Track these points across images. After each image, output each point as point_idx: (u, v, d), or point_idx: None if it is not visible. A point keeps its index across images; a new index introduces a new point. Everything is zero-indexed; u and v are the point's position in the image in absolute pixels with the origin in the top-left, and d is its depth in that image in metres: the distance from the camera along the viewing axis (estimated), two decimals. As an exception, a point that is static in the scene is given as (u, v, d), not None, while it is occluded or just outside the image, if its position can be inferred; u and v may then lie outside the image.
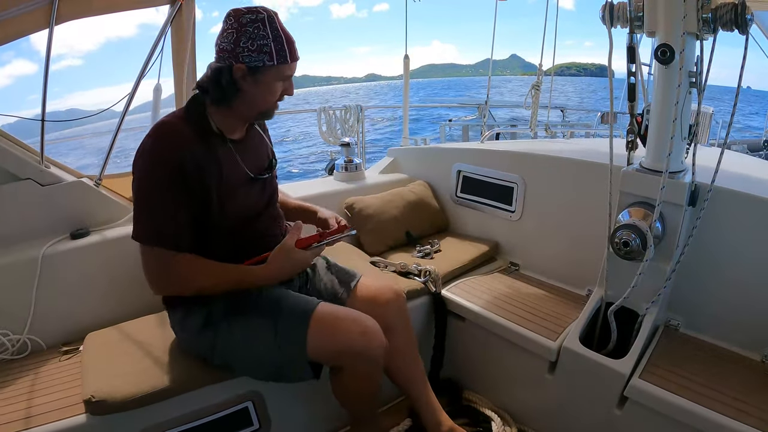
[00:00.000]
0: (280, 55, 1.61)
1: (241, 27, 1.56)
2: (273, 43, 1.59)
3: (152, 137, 1.60)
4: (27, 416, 1.64)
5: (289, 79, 1.71)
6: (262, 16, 1.57)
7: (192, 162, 1.58)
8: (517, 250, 2.84)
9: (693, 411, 1.63)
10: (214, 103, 1.67)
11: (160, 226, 1.59)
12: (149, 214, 1.60)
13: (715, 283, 2.02)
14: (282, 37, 1.61)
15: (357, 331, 1.67)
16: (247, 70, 1.59)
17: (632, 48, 1.90)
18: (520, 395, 2.28)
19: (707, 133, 6.03)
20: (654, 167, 1.93)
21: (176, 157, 1.56)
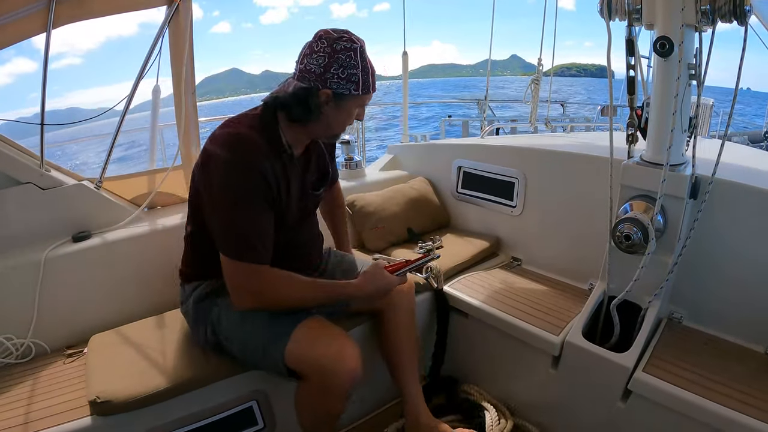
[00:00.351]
0: (366, 85, 1.64)
1: (334, 53, 1.57)
2: (361, 73, 1.62)
3: (229, 149, 1.60)
4: (33, 419, 1.65)
5: (364, 107, 1.77)
6: (356, 46, 1.60)
7: (271, 174, 1.63)
8: (519, 245, 2.84)
9: (697, 404, 1.63)
10: (290, 119, 1.69)
11: (249, 239, 1.62)
12: (237, 227, 1.61)
13: (717, 275, 2.02)
14: (369, 68, 1.64)
15: (333, 351, 1.63)
16: (333, 96, 1.62)
17: (631, 41, 1.89)
18: (523, 390, 2.28)
19: (707, 125, 6.01)
20: (655, 160, 1.92)
21: (260, 168, 1.59)
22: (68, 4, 2.15)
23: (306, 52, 1.62)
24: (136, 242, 2.31)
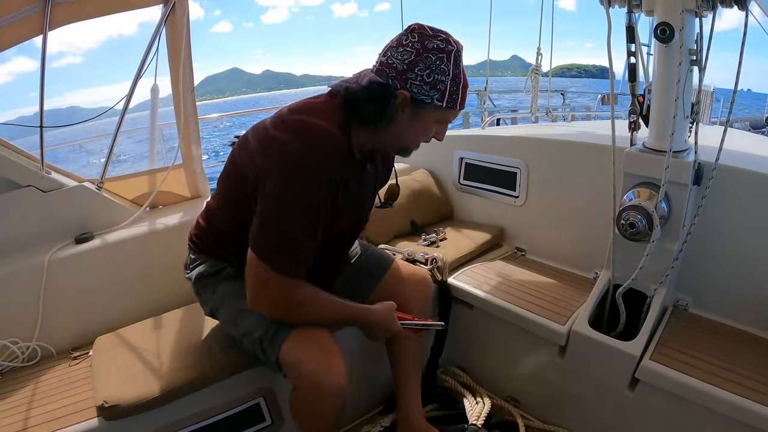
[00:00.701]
0: (452, 98, 1.44)
1: (424, 51, 1.38)
2: (450, 82, 1.41)
3: (307, 144, 1.41)
4: (40, 422, 1.65)
5: (446, 125, 1.56)
6: (451, 48, 1.40)
7: (340, 183, 1.47)
8: (523, 236, 2.84)
9: (705, 390, 1.63)
10: (360, 120, 1.49)
11: (295, 252, 1.46)
12: (286, 235, 1.44)
13: (722, 261, 2.01)
14: (461, 79, 1.44)
15: (322, 366, 1.52)
16: (411, 100, 1.42)
17: (631, 27, 1.88)
18: (530, 380, 2.28)
19: (709, 112, 5.99)
20: (657, 147, 1.91)
21: (335, 177, 1.44)
22: (64, 6, 2.14)
23: (392, 44, 1.43)
24: (139, 242, 2.31)
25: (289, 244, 1.44)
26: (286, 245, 1.44)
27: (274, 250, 1.44)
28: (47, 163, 2.19)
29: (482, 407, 2.16)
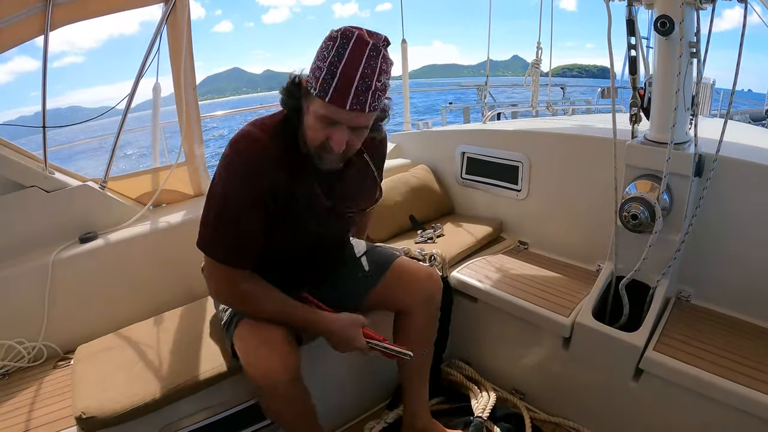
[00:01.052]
0: (322, 87, 1.32)
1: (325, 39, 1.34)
2: (326, 69, 1.31)
3: (236, 148, 1.48)
4: (46, 422, 1.66)
5: (334, 127, 1.39)
6: (343, 37, 1.30)
7: (273, 188, 1.49)
8: (526, 229, 2.84)
9: (709, 381, 1.64)
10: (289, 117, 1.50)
11: (231, 243, 1.51)
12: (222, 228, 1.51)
13: (724, 252, 2.02)
14: (338, 69, 1.29)
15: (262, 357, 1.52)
16: (306, 88, 1.39)
17: (631, 21, 1.88)
18: (534, 373, 2.29)
19: (709, 104, 5.98)
20: (659, 139, 1.92)
21: (257, 183, 1.47)
22: (64, 6, 2.15)
23: None
24: (143, 241, 2.32)
25: (224, 237, 1.50)
26: (221, 238, 1.51)
27: (211, 243, 1.53)
28: (50, 163, 2.20)
29: (487, 400, 2.18)
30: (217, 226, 1.51)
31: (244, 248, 1.53)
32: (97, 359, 1.90)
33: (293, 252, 1.70)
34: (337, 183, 1.63)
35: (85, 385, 1.74)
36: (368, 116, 1.39)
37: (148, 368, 1.81)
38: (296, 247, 1.69)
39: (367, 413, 2.32)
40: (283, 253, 1.67)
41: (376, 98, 1.34)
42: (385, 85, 1.36)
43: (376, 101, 1.35)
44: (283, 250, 1.66)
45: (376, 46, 1.31)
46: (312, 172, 1.54)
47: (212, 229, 1.52)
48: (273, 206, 1.52)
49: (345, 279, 1.95)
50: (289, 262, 1.72)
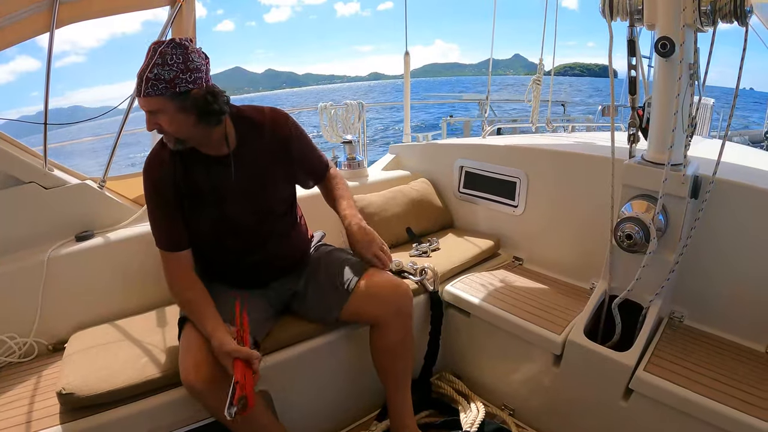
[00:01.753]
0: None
1: None
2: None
3: (144, 164, 1.83)
4: (34, 419, 1.66)
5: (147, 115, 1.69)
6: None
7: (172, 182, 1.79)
8: (521, 245, 2.85)
9: (698, 402, 1.64)
10: None
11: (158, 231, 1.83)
12: (151, 223, 1.85)
13: (718, 274, 2.02)
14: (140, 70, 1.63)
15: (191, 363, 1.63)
16: None
17: (632, 41, 1.90)
18: (525, 389, 2.29)
19: (708, 125, 6.01)
20: (656, 160, 1.93)
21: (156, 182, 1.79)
22: (71, 5, 2.16)
23: None
24: (139, 241, 2.31)
25: (153, 227, 1.84)
26: (153, 229, 1.84)
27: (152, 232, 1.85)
28: (50, 160, 2.20)
29: (476, 414, 2.18)
30: (150, 221, 1.85)
31: (168, 233, 1.82)
32: (89, 345, 1.93)
33: (220, 236, 1.89)
34: (218, 168, 1.84)
35: (73, 366, 1.78)
36: (148, 101, 1.63)
37: (136, 358, 1.83)
38: (220, 230, 1.88)
39: (356, 423, 2.31)
40: (212, 238, 1.89)
41: (149, 86, 1.60)
42: (158, 75, 1.60)
43: (150, 88, 1.60)
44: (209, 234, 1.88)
45: (156, 47, 1.62)
46: (198, 162, 1.82)
47: (150, 226, 1.86)
48: (176, 195, 1.80)
49: (319, 294, 2.02)
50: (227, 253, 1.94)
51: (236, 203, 1.86)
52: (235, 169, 1.84)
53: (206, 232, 1.87)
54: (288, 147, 1.96)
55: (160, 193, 1.80)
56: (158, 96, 1.61)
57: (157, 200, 1.81)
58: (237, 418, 1.48)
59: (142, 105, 1.66)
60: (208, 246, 1.91)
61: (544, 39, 3.84)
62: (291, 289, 2.06)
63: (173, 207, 1.81)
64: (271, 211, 1.96)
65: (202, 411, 1.77)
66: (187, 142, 1.74)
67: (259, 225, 1.93)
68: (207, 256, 1.93)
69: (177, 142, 1.72)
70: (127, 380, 1.71)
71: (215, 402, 1.59)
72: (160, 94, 1.61)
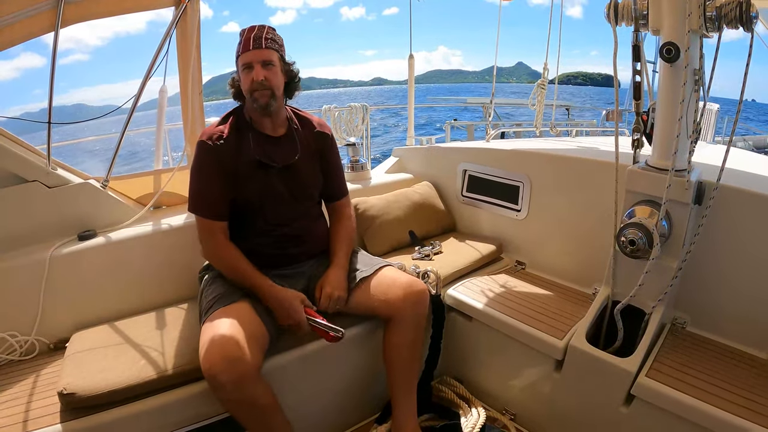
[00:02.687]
0: (237, 51, 1.99)
1: None
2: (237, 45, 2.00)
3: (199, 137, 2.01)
4: (33, 417, 1.65)
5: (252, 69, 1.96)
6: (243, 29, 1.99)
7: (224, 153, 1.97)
8: (523, 249, 2.84)
9: (700, 409, 1.63)
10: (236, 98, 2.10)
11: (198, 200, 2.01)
12: (193, 191, 2.02)
13: (721, 281, 2.01)
14: (242, 37, 1.98)
15: (219, 355, 1.62)
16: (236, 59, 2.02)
17: (637, 46, 1.89)
18: (526, 394, 2.28)
19: (712, 131, 5.99)
20: (660, 165, 1.92)
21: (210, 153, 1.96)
22: (76, 4, 2.17)
23: None
24: (141, 242, 2.32)
25: (195, 195, 2.01)
26: (194, 196, 2.02)
27: (192, 203, 2.02)
28: (53, 159, 2.20)
29: (477, 419, 2.17)
30: (193, 189, 2.01)
31: (210, 202, 1.98)
32: (90, 345, 1.94)
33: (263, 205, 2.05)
34: (270, 146, 2.07)
35: (74, 366, 1.78)
36: (268, 52, 1.97)
37: (137, 359, 1.84)
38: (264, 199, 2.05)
39: (356, 426, 2.31)
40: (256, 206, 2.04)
41: (269, 41, 1.96)
42: (274, 39, 1.99)
43: (269, 43, 1.96)
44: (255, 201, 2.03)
45: (262, 26, 1.98)
46: (254, 140, 2.04)
47: (191, 193, 2.02)
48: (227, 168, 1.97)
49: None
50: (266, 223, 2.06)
51: (281, 178, 2.07)
52: (282, 147, 2.10)
53: (252, 200, 2.02)
54: (327, 148, 2.26)
55: (213, 161, 1.97)
56: (274, 51, 1.99)
57: (207, 165, 1.98)
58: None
59: (259, 56, 1.95)
60: (250, 214, 2.05)
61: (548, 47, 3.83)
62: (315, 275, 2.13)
63: (221, 177, 1.97)
64: (305, 193, 2.16)
65: (204, 411, 1.78)
66: (272, 105, 2.01)
67: (294, 201, 2.11)
68: (246, 224, 2.05)
69: (271, 98, 1.98)
70: (128, 380, 1.71)
71: (237, 396, 1.63)
72: (276, 50, 1.99)
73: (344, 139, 3.91)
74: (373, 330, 2.16)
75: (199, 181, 2.00)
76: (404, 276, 2.11)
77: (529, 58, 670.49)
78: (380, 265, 2.15)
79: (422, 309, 2.08)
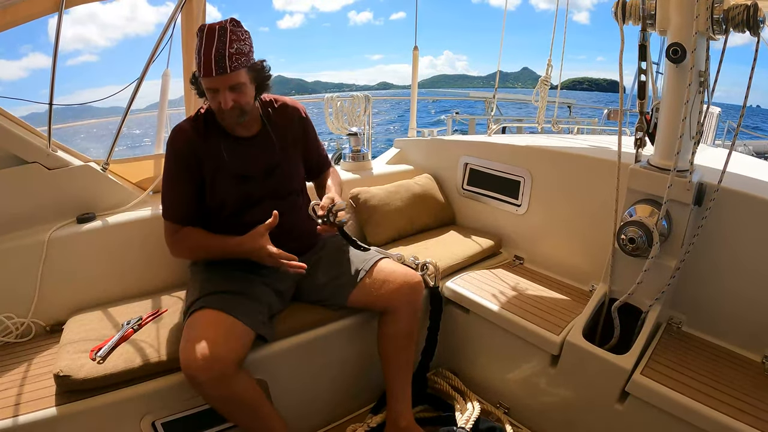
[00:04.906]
0: (198, 70, 1.76)
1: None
2: (195, 56, 1.74)
3: (169, 137, 1.91)
4: (28, 400, 1.66)
5: (218, 93, 1.77)
6: (201, 28, 1.73)
7: (195, 155, 1.88)
8: (522, 244, 2.85)
9: (692, 408, 1.64)
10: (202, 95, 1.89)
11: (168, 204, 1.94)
12: (164, 194, 1.94)
13: (718, 282, 2.02)
14: (200, 52, 1.71)
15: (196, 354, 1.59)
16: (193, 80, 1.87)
17: (644, 46, 1.89)
18: (521, 388, 2.29)
19: (713, 134, 5.99)
20: (662, 165, 1.93)
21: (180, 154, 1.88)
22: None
23: None
24: (140, 225, 2.32)
25: (165, 198, 1.95)
26: (165, 200, 1.96)
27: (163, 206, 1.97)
28: (54, 140, 2.19)
29: (471, 411, 2.19)
30: (163, 193, 1.95)
31: (180, 205, 1.93)
32: (87, 328, 1.94)
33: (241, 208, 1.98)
34: (245, 149, 1.97)
35: (70, 349, 1.79)
36: (235, 75, 1.74)
37: (133, 343, 1.84)
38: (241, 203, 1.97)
39: (351, 415, 2.33)
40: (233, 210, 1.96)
41: (234, 60, 1.72)
42: (240, 50, 1.73)
43: (236, 63, 1.72)
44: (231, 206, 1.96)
45: (223, 27, 1.71)
46: (227, 148, 1.93)
47: (162, 197, 1.96)
48: (196, 171, 1.90)
49: (329, 277, 2.07)
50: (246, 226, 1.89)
51: (261, 183, 1.99)
52: (259, 147, 2.00)
53: (228, 204, 1.95)
54: (304, 130, 2.17)
55: (181, 165, 1.89)
56: (242, 69, 1.76)
57: (175, 172, 1.90)
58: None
59: (223, 82, 1.74)
60: (229, 219, 1.97)
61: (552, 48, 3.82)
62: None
63: (190, 182, 1.91)
64: (286, 189, 2.07)
65: (198, 398, 1.78)
66: (244, 118, 1.87)
67: (275, 200, 2.02)
68: (231, 229, 1.93)
69: (241, 115, 1.85)
70: (124, 364, 1.72)
71: (216, 393, 1.62)
72: (243, 67, 1.76)
73: (346, 128, 3.90)
74: (369, 320, 2.16)
75: (164, 180, 1.95)
76: (399, 268, 2.09)
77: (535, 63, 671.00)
78: (376, 258, 2.11)
79: (417, 300, 2.08)
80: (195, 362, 1.58)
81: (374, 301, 2.04)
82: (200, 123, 1.93)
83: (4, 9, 2.00)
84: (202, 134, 1.91)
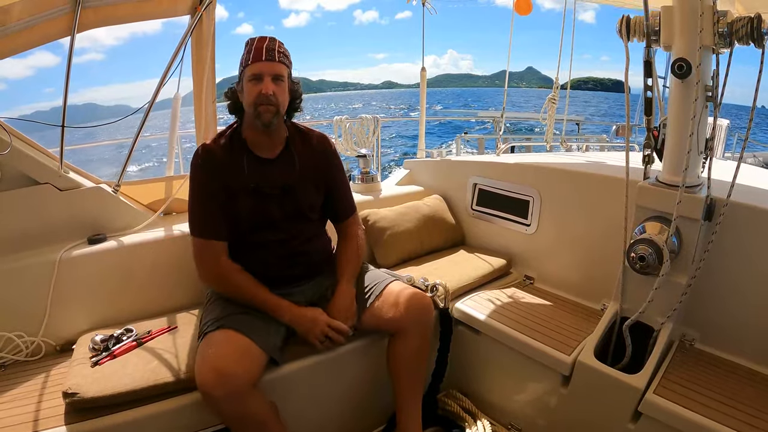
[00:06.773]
0: (246, 60, 1.90)
1: None
2: (244, 53, 1.91)
3: (194, 157, 1.98)
4: (40, 418, 1.65)
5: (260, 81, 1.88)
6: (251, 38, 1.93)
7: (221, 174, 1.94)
8: (532, 264, 2.83)
9: (707, 427, 1.61)
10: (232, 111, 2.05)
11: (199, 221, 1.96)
12: (193, 212, 1.97)
13: (730, 298, 2.00)
14: (252, 45, 1.89)
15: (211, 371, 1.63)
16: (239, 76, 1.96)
17: (648, 62, 1.89)
18: (532, 409, 2.26)
19: (723, 147, 5.95)
20: (670, 181, 1.92)
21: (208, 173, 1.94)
22: (94, 9, 2.20)
23: None
24: (151, 247, 2.33)
25: (194, 216, 1.97)
26: (194, 218, 1.97)
27: (191, 225, 1.98)
28: (66, 162, 2.22)
29: (483, 432, 2.16)
30: (191, 210, 1.97)
31: (211, 222, 1.94)
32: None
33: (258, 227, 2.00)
34: (265, 168, 2.00)
35: (80, 367, 1.79)
36: (280, 66, 1.91)
37: (143, 363, 1.84)
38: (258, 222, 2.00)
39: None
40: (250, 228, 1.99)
41: (281, 55, 1.91)
42: (285, 54, 1.94)
43: (282, 57, 1.91)
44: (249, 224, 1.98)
45: (272, 38, 1.92)
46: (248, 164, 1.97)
47: (190, 215, 1.97)
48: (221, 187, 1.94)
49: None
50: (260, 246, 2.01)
51: (276, 202, 2.01)
52: (279, 167, 2.02)
53: (243, 220, 1.97)
54: (330, 166, 2.17)
55: (207, 182, 1.94)
56: (286, 66, 1.94)
57: (202, 189, 1.95)
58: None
59: (270, 69, 1.88)
60: (243, 237, 2.00)
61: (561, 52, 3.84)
62: (315, 294, 2.10)
63: (216, 198, 1.93)
64: (301, 215, 2.07)
65: (209, 418, 1.77)
66: (274, 124, 1.94)
67: (291, 221, 2.04)
68: (244, 247, 2.01)
69: (275, 116, 1.91)
70: (133, 384, 1.71)
71: (231, 410, 1.63)
72: (287, 65, 1.95)
73: (355, 150, 3.92)
74: (378, 340, 2.14)
75: (192, 197, 1.97)
76: (408, 290, 2.08)
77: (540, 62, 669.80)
78: (387, 282, 2.12)
79: (426, 319, 2.08)
80: (210, 378, 1.60)
81: (385, 324, 2.04)
82: (226, 140, 1.99)
83: (19, 32, 2.03)
84: (228, 151, 1.97)
